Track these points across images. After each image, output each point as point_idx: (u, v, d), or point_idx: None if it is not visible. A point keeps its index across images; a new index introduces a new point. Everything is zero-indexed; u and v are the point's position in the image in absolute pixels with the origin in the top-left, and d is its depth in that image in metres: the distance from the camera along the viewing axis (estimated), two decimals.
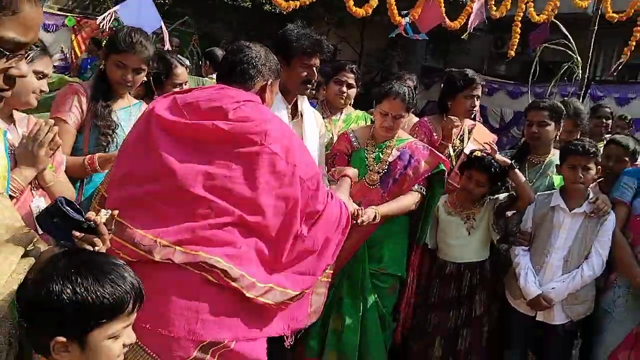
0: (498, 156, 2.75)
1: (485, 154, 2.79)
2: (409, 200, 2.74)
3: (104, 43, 2.69)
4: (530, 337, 2.87)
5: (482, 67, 13.97)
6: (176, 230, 1.60)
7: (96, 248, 1.25)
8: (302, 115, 2.62)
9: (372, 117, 3.41)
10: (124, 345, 1.17)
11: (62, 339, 1.09)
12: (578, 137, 3.26)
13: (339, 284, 2.74)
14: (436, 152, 2.82)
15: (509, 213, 2.90)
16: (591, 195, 2.70)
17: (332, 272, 2.04)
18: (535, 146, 3.02)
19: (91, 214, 1.29)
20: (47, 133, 1.80)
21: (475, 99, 3.09)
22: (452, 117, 3.00)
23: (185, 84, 2.91)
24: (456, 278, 2.87)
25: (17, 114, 1.99)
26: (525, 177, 2.90)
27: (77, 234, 1.25)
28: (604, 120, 4.36)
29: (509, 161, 2.75)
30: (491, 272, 2.89)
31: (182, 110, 1.73)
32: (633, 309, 2.64)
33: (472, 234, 2.85)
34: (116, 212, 1.32)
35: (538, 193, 2.84)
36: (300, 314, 1.92)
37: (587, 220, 2.67)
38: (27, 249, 1.24)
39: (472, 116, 3.32)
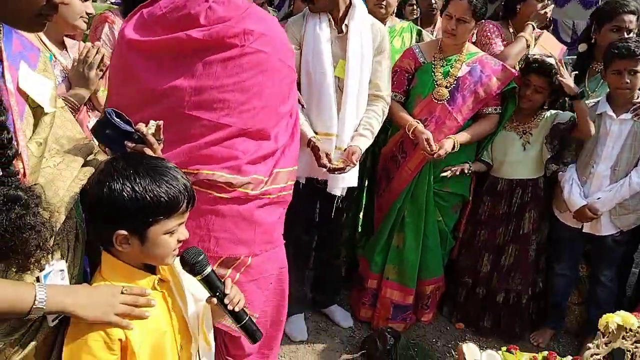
0: (565, 79, 2.52)
1: (545, 58, 2.60)
2: (488, 125, 2.71)
3: None
4: (579, 250, 2.80)
5: None
6: (175, 155, 1.59)
7: None
8: (347, 30, 2.44)
9: (420, 28, 3.26)
10: (178, 241, 1.26)
11: (123, 232, 1.17)
12: None
13: (403, 204, 2.78)
14: (508, 67, 2.65)
15: None
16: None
17: None
18: (596, 56, 2.77)
19: (140, 125, 1.34)
20: (95, 55, 1.87)
21: (548, 1, 2.85)
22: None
23: None
24: (507, 194, 2.79)
25: (68, 41, 2.08)
26: (585, 86, 2.73)
27: (130, 144, 1.31)
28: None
29: (576, 89, 2.52)
30: (544, 191, 2.78)
31: (152, 26, 1.62)
32: None
33: (528, 150, 2.72)
34: (161, 122, 1.36)
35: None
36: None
37: (636, 126, 2.48)
38: (88, 158, 1.32)
39: (544, 24, 3.09)
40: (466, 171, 2.71)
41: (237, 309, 1.32)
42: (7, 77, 1.08)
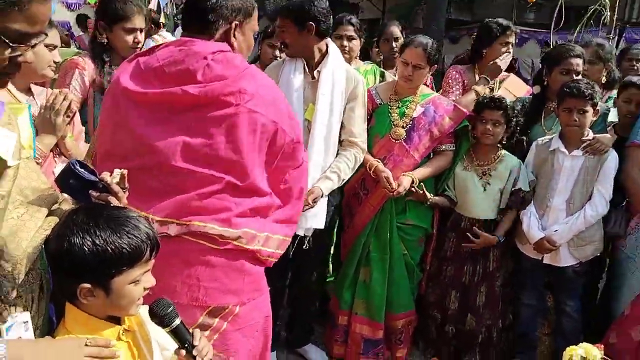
0: None
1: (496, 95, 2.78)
2: (444, 161, 2.84)
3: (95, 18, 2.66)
4: (541, 281, 2.90)
5: (510, 17, 13.45)
6: (166, 206, 1.61)
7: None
8: (319, 76, 2.50)
9: (383, 70, 3.40)
10: (145, 289, 1.27)
11: (87, 285, 1.18)
12: (602, 78, 3.19)
13: (367, 239, 2.84)
14: (460, 107, 2.82)
15: None
16: (590, 135, 2.64)
17: None
18: (549, 96, 2.93)
19: (105, 175, 1.36)
20: (62, 101, 1.89)
21: (510, 46, 3.06)
22: (497, 61, 3.00)
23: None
24: (470, 233, 2.86)
25: (35, 88, 2.10)
26: (542, 125, 2.90)
27: (94, 193, 1.33)
28: (635, 63, 4.11)
29: None
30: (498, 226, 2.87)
31: (148, 77, 1.64)
32: None
33: (488, 190, 2.81)
34: (125, 171, 1.38)
35: (538, 138, 2.82)
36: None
37: (587, 161, 2.63)
38: (52, 208, 1.34)
39: (507, 67, 3.25)
40: (427, 201, 2.77)
41: None
42: None
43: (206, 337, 1.61)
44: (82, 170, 1.32)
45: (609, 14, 4.96)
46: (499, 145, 2.85)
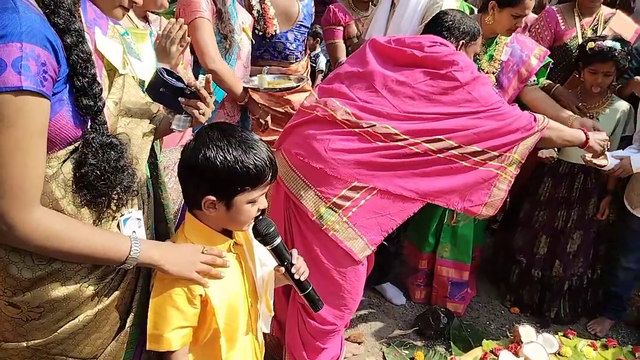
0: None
1: (599, 42, 2.52)
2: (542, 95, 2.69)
3: None
4: None
5: None
6: (357, 106, 2.01)
7: (200, 111, 1.36)
8: None
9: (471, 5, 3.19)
10: (258, 210, 1.32)
11: (212, 197, 1.24)
12: None
13: None
14: (540, 44, 2.72)
15: None
16: None
17: (516, 173, 2.09)
18: None
19: (191, 80, 1.41)
20: (177, 31, 1.97)
21: None
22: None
23: None
24: (569, 179, 2.73)
25: (150, 15, 2.18)
26: None
27: (183, 100, 1.36)
28: None
29: None
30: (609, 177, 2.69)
31: (392, 41, 2.13)
32: None
33: None
34: (210, 76, 1.41)
35: None
36: (476, 198, 2.05)
37: None
38: (152, 118, 1.41)
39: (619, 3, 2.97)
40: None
41: (302, 279, 1.39)
42: (86, 38, 1.15)
43: (345, 208, 1.90)
44: (170, 77, 1.34)
45: None
46: (611, 86, 2.65)
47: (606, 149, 2.29)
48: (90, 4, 1.24)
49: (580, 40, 2.79)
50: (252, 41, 2.74)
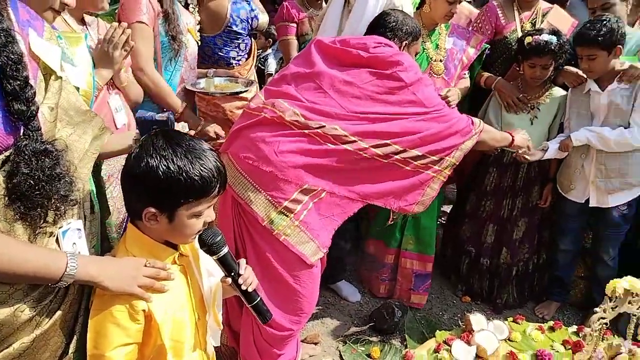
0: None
1: (536, 36, 2.60)
2: (465, 84, 2.85)
3: None
4: (583, 225, 2.85)
5: None
6: (305, 106, 1.99)
7: None
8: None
9: None
10: (204, 223, 1.27)
11: (153, 210, 1.19)
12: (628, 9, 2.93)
13: None
14: (476, 33, 2.88)
15: None
16: (626, 64, 2.49)
17: (449, 174, 2.15)
18: None
19: None
20: (120, 35, 1.89)
21: None
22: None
23: None
24: (513, 167, 2.82)
25: (87, 17, 2.08)
26: None
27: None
28: None
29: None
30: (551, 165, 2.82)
31: (337, 42, 2.15)
32: None
33: (535, 125, 2.75)
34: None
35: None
36: (411, 198, 2.11)
37: (622, 93, 2.49)
38: (98, 133, 1.35)
39: None
40: None
41: (250, 289, 1.36)
42: (17, 39, 1.08)
43: (297, 212, 1.90)
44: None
45: None
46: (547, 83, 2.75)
47: (530, 147, 2.47)
48: (22, 4, 1.18)
49: (519, 34, 2.87)
50: (197, 42, 2.66)
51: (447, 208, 3.60)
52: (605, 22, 2.42)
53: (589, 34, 2.43)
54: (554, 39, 2.57)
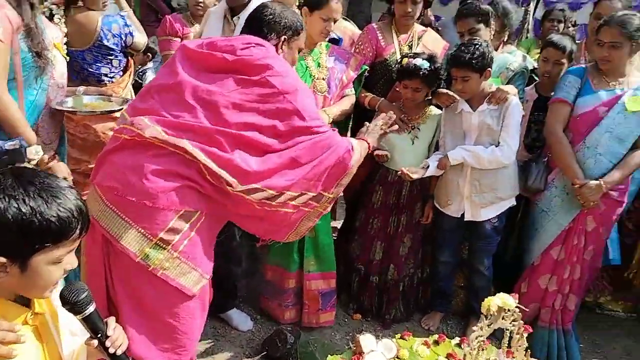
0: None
1: (411, 59, 2.73)
2: (350, 102, 2.87)
3: None
4: (460, 239, 3.01)
5: None
6: (167, 122, 1.79)
7: None
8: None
9: None
10: (65, 271, 1.13)
11: (2, 259, 1.03)
12: (506, 37, 3.22)
13: None
14: (355, 54, 2.93)
15: None
16: (494, 87, 2.69)
17: (330, 205, 2.05)
18: None
19: None
20: None
21: (410, 4, 2.93)
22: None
23: None
24: (397, 185, 2.91)
25: None
26: None
27: None
28: (556, 24, 4.28)
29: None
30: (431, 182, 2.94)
31: (204, 45, 1.95)
32: (568, 208, 2.75)
33: (416, 144, 2.87)
34: None
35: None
36: (282, 231, 2.02)
37: (492, 113, 2.67)
38: None
39: (421, 21, 3.22)
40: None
41: (119, 352, 1.22)
42: None
43: (175, 243, 1.73)
44: None
45: None
46: (427, 99, 2.88)
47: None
48: None
49: (398, 56, 2.98)
50: (65, 58, 2.42)
51: (337, 224, 3.62)
52: (477, 46, 2.58)
53: (464, 56, 2.56)
54: (425, 64, 2.69)
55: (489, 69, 2.62)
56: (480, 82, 2.64)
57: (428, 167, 2.72)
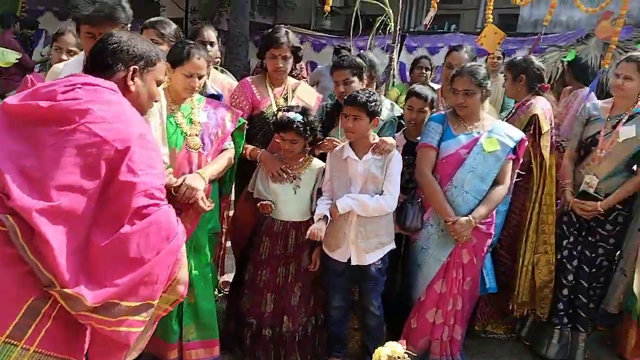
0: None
1: (285, 112, 2.82)
2: (227, 157, 2.79)
3: None
4: (349, 283, 3.05)
5: (309, 22, 14.25)
6: None
7: None
8: None
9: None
10: None
11: None
12: (374, 87, 3.45)
13: (188, 260, 2.62)
14: (232, 107, 2.90)
15: None
16: (377, 139, 2.85)
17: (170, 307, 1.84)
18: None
19: None
20: None
21: (280, 59, 3.04)
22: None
23: None
24: (283, 235, 2.92)
25: None
26: (338, 131, 3.06)
27: None
28: (424, 71, 4.73)
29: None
30: None
31: (28, 95, 1.64)
32: (444, 243, 2.94)
33: (298, 194, 2.91)
34: None
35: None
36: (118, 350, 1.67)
37: (376, 163, 2.81)
38: None
39: (294, 74, 3.34)
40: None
41: None
42: None
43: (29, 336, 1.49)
44: None
45: (392, 24, 5.49)
46: (306, 149, 2.95)
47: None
48: None
49: (275, 108, 3.05)
50: None
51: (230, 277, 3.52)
52: (373, 94, 2.75)
53: (361, 97, 2.70)
54: (298, 117, 2.78)
55: (378, 118, 2.78)
56: (368, 128, 2.78)
57: (325, 216, 2.77)
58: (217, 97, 3.01)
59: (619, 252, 3.35)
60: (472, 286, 3.04)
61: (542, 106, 3.24)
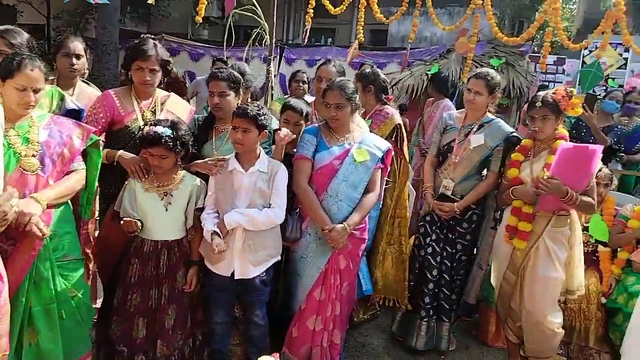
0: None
1: (152, 127, 2.71)
2: (74, 178, 2.54)
3: None
4: (232, 297, 3.00)
5: (186, 31, 13.92)
6: None
7: None
8: None
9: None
10: None
11: None
12: (248, 96, 3.47)
13: (27, 294, 2.36)
14: (83, 125, 2.63)
15: None
16: (262, 153, 2.88)
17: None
18: (219, 116, 3.08)
19: None
20: None
21: (148, 72, 2.93)
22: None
23: None
24: (154, 256, 2.78)
25: None
26: (212, 145, 3.02)
27: None
28: (301, 84, 4.89)
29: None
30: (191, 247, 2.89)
31: None
32: (322, 251, 3.00)
33: (170, 211, 2.79)
34: None
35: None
36: None
37: (262, 176, 2.82)
38: None
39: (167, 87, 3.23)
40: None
41: None
42: None
43: None
44: None
45: (267, 37, 5.54)
46: (178, 165, 2.84)
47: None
48: None
49: (141, 122, 2.91)
50: None
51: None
52: (262, 108, 2.80)
53: (251, 110, 2.73)
54: (167, 131, 2.68)
55: (266, 131, 2.79)
56: (256, 141, 2.78)
57: (215, 232, 2.71)
58: (77, 112, 2.80)
59: (475, 248, 3.68)
60: (349, 290, 3.15)
61: (399, 116, 3.54)
